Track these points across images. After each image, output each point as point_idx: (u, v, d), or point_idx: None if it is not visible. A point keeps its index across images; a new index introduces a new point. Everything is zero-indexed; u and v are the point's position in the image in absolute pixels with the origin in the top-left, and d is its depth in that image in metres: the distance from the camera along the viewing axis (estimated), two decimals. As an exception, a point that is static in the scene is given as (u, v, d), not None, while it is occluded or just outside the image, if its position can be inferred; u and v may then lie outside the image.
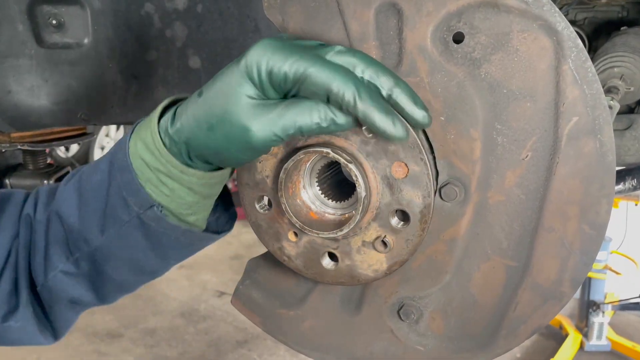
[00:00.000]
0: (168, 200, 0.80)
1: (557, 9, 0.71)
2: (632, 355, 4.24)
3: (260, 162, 0.83)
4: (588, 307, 4.42)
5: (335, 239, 0.82)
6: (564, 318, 4.63)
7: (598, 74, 1.31)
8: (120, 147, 0.81)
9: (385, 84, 0.70)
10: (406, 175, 0.76)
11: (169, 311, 5.06)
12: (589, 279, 4.44)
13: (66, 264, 0.87)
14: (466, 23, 0.74)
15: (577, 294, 4.59)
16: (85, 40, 1.52)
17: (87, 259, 0.87)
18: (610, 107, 1.11)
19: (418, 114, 0.70)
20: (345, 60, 0.69)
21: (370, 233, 0.79)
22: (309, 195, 0.83)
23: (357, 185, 0.75)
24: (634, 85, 1.30)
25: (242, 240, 6.63)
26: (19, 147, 1.61)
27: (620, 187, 1.26)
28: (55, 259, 0.87)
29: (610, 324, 4.51)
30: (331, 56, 0.69)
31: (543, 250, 0.79)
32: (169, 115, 0.78)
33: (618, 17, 1.57)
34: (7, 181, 1.78)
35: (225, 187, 0.93)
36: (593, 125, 0.72)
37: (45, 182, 1.79)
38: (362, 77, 0.69)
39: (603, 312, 4.33)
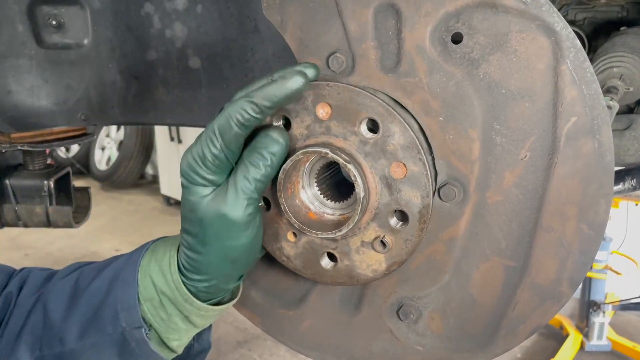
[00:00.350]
0: (161, 324, 0.83)
1: (555, 9, 0.71)
2: (633, 355, 4.23)
3: None
4: (588, 307, 4.42)
5: (334, 239, 0.82)
6: (564, 318, 4.63)
7: (597, 74, 1.32)
8: (131, 262, 0.84)
9: (263, 80, 0.76)
10: (405, 175, 0.76)
11: (170, 311, 5.06)
12: (590, 279, 4.43)
13: (30, 358, 0.87)
14: (464, 23, 0.74)
15: (578, 294, 4.59)
16: (85, 41, 1.52)
17: (54, 357, 0.87)
18: (610, 107, 1.11)
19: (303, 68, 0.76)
20: (236, 97, 0.76)
21: (369, 233, 0.79)
22: (308, 196, 0.83)
23: (355, 185, 0.75)
24: (633, 86, 1.30)
25: (242, 241, 6.62)
26: (19, 147, 1.61)
27: (619, 187, 1.26)
28: (22, 349, 0.87)
29: (611, 324, 4.50)
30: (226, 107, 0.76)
31: (542, 250, 0.79)
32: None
33: (617, 17, 1.57)
34: (7, 181, 1.78)
35: None
36: (591, 125, 0.72)
37: (45, 182, 1.79)
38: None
39: (603, 312, 4.33)
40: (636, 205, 4.47)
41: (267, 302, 1.01)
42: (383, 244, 0.79)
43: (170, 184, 7.57)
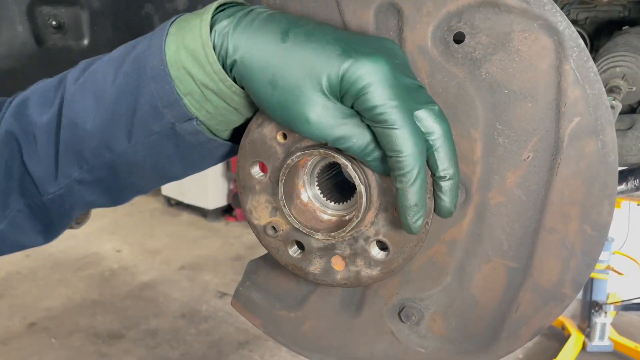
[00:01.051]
0: (209, 117, 0.75)
1: (558, 9, 0.70)
2: (635, 355, 4.22)
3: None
4: (590, 308, 4.41)
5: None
6: (566, 319, 4.62)
7: (600, 74, 1.31)
8: (153, 50, 0.72)
9: (442, 169, 0.71)
10: None
11: (170, 312, 5.06)
12: (591, 279, 4.43)
13: (80, 172, 0.82)
14: (467, 23, 0.74)
15: (580, 295, 4.58)
16: (85, 41, 1.52)
17: (106, 166, 0.81)
18: (612, 107, 1.11)
19: (447, 210, 0.73)
20: (429, 126, 0.69)
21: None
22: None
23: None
24: (636, 85, 1.29)
25: (243, 242, 6.63)
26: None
27: (622, 187, 1.25)
28: (68, 167, 0.81)
29: (613, 325, 4.49)
30: (422, 114, 0.68)
31: (544, 251, 0.78)
32: (223, 28, 0.70)
33: (620, 16, 1.57)
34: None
35: None
36: (595, 125, 0.71)
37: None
38: (429, 146, 0.69)
39: (605, 313, 4.32)
40: (638, 205, 4.46)
41: (268, 304, 1.00)
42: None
43: (171, 185, 7.55)
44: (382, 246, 0.79)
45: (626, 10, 1.56)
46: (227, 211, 7.47)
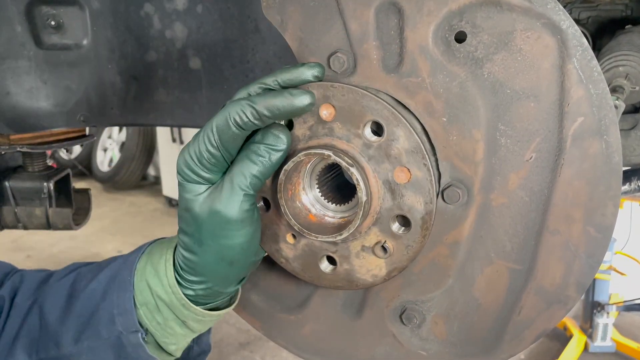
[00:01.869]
0: (157, 328, 0.82)
1: (561, 7, 0.69)
2: (637, 356, 4.21)
3: None
4: (592, 308, 4.40)
5: (334, 243, 0.80)
6: (568, 319, 4.61)
7: (603, 73, 1.30)
8: (127, 265, 0.83)
9: (269, 82, 0.75)
10: (408, 180, 0.74)
11: (172, 313, 5.06)
12: (594, 279, 4.41)
13: None
14: (468, 22, 0.73)
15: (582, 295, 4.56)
16: (84, 42, 1.51)
17: None
18: (616, 107, 1.10)
19: (304, 72, 0.75)
20: (238, 95, 0.75)
21: (370, 238, 0.78)
22: (309, 198, 0.82)
23: (358, 189, 0.74)
24: (638, 85, 1.28)
25: (244, 242, 6.62)
26: (18, 149, 1.60)
27: (625, 187, 1.24)
28: (19, 352, 0.87)
29: (615, 325, 4.48)
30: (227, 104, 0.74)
31: (548, 253, 0.77)
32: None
33: (622, 15, 1.55)
34: (6, 183, 1.77)
35: None
36: (599, 125, 0.70)
37: (45, 184, 1.78)
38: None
39: (607, 313, 4.31)
40: (640, 205, 4.45)
41: (268, 306, 0.99)
42: (384, 249, 0.78)
43: (173, 185, 7.56)
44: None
45: (628, 9, 1.55)
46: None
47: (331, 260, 0.83)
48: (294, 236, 0.83)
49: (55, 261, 6.03)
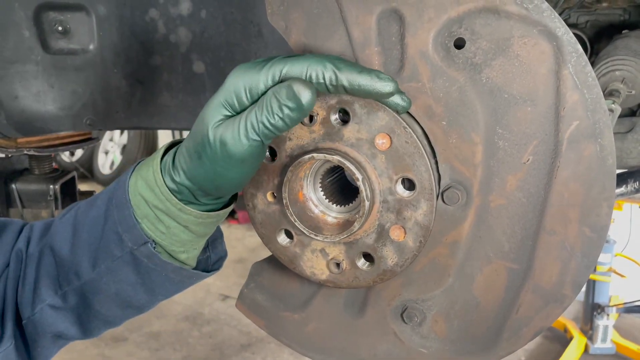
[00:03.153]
0: (163, 238, 0.83)
1: (556, 15, 0.71)
2: (637, 358, 4.22)
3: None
4: (592, 310, 4.40)
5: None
6: (568, 321, 4.62)
7: (599, 77, 1.32)
8: (120, 184, 0.83)
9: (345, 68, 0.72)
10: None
11: (173, 315, 5.07)
12: (594, 281, 4.42)
13: (54, 297, 0.89)
14: (467, 29, 0.75)
15: (582, 297, 4.57)
16: (91, 46, 1.53)
17: (75, 292, 0.88)
18: (612, 111, 1.12)
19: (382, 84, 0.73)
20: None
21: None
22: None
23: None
24: (635, 89, 1.30)
25: (246, 244, 6.64)
26: (25, 152, 1.63)
27: (622, 190, 1.26)
28: (44, 292, 0.89)
29: (615, 327, 4.49)
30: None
31: (544, 253, 0.79)
32: (170, 155, 0.81)
33: (620, 20, 1.58)
34: (13, 186, 1.80)
35: (218, 227, 0.95)
36: (593, 129, 0.73)
37: (51, 186, 1.80)
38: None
39: (607, 315, 4.32)
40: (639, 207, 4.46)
41: (272, 305, 1.01)
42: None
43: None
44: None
45: (626, 13, 1.57)
46: (229, 214, 7.45)
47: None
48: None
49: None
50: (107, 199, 0.85)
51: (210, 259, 0.98)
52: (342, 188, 0.89)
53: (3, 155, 1.71)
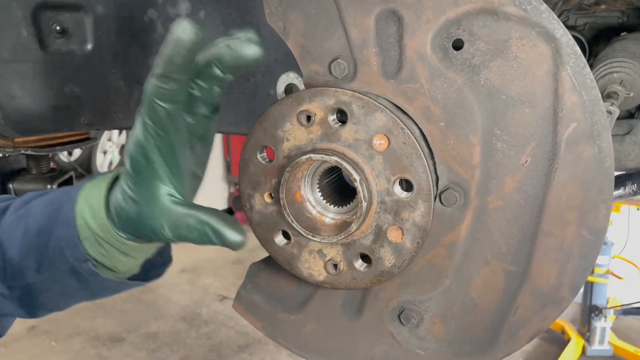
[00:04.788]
0: (104, 259, 0.85)
1: (555, 16, 0.71)
2: (635, 360, 4.23)
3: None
4: (590, 312, 4.41)
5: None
6: (566, 323, 4.62)
7: (598, 80, 1.32)
8: (69, 200, 0.85)
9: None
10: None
11: (171, 315, 5.07)
12: (591, 283, 4.43)
13: (1, 286, 0.90)
14: (465, 30, 0.75)
15: (580, 299, 4.58)
16: (89, 46, 1.53)
17: (21, 288, 0.91)
18: (610, 113, 1.12)
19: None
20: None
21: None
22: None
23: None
24: (633, 91, 1.31)
25: (244, 245, 6.62)
26: (22, 152, 1.62)
27: (620, 192, 1.26)
28: None
29: (613, 329, 4.49)
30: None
31: (542, 255, 0.79)
32: (117, 190, 0.82)
33: (618, 22, 1.58)
34: (10, 186, 1.79)
35: None
36: (591, 131, 0.73)
37: (49, 186, 1.79)
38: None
39: (605, 317, 4.32)
40: (637, 209, 4.47)
41: (269, 306, 1.01)
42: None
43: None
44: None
45: (625, 16, 1.57)
46: (228, 213, 7.45)
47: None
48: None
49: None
50: (56, 211, 0.87)
51: (155, 263, 0.99)
52: (340, 189, 0.88)
53: (0, 155, 1.70)
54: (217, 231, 0.77)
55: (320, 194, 0.84)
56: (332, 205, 0.84)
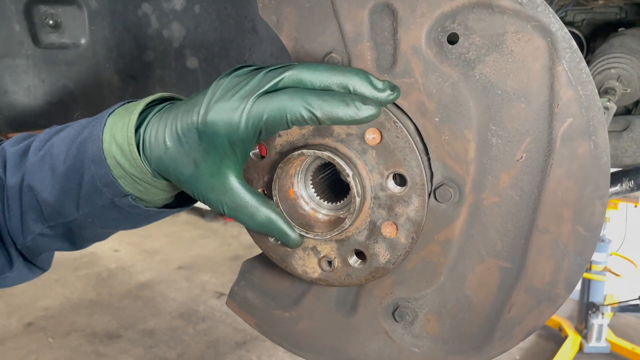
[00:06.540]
0: (141, 194, 0.84)
1: (551, 10, 0.70)
2: (632, 357, 4.23)
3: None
4: (587, 309, 4.42)
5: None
6: (563, 320, 4.63)
7: (595, 75, 1.32)
8: (93, 137, 0.82)
9: (334, 81, 0.72)
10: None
11: (168, 312, 5.06)
12: (589, 280, 4.44)
13: (43, 229, 0.90)
14: (460, 24, 0.74)
15: (577, 296, 4.59)
16: (82, 41, 1.52)
17: (63, 226, 0.90)
18: (607, 109, 1.11)
19: (379, 95, 0.72)
20: (290, 79, 0.72)
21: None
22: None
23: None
24: (630, 87, 1.30)
25: (241, 241, 6.63)
26: (15, 147, 1.61)
27: (617, 188, 1.25)
28: (32, 224, 0.90)
29: (610, 326, 4.50)
30: (275, 82, 0.72)
31: (537, 251, 0.78)
32: (149, 129, 0.80)
33: (616, 18, 1.57)
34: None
35: None
36: (587, 126, 0.72)
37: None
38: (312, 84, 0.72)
39: (602, 314, 4.33)
40: (635, 206, 4.47)
41: (263, 303, 1.00)
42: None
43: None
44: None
45: (623, 12, 1.57)
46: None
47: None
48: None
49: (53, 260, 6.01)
50: (82, 151, 0.83)
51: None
52: (334, 185, 0.88)
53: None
54: (284, 233, 0.80)
55: (313, 190, 0.83)
56: (326, 202, 0.84)
